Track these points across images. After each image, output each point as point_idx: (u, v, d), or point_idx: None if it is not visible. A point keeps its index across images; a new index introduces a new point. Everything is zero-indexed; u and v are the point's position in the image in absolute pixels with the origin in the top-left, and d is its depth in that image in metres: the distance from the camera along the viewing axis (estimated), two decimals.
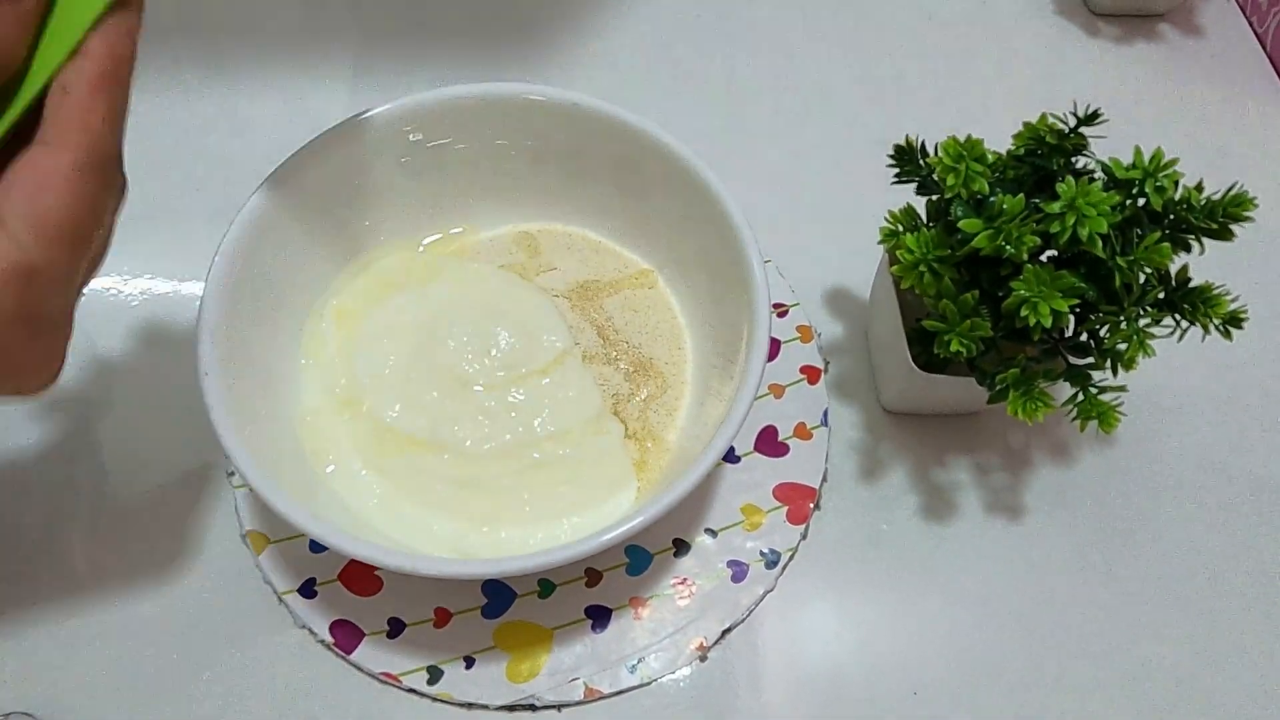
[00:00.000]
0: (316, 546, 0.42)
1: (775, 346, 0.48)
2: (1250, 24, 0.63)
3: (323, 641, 0.40)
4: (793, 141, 0.56)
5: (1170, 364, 0.47)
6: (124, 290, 0.49)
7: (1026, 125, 0.38)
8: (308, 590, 0.41)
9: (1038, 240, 0.34)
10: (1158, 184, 0.33)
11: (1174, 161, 0.34)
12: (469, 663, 0.40)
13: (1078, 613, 0.42)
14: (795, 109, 0.58)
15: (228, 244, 0.38)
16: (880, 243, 0.40)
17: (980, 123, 0.57)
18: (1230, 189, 0.34)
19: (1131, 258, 0.34)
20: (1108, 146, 0.37)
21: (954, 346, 0.35)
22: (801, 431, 0.46)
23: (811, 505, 0.44)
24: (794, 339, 0.49)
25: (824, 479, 0.45)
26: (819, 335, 0.49)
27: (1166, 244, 0.33)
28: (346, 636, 0.40)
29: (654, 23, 0.61)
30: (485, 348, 0.43)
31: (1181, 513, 0.45)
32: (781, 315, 0.49)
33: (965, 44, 0.61)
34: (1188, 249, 0.36)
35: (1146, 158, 0.34)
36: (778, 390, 0.47)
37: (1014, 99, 0.59)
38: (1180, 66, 0.60)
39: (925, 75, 0.60)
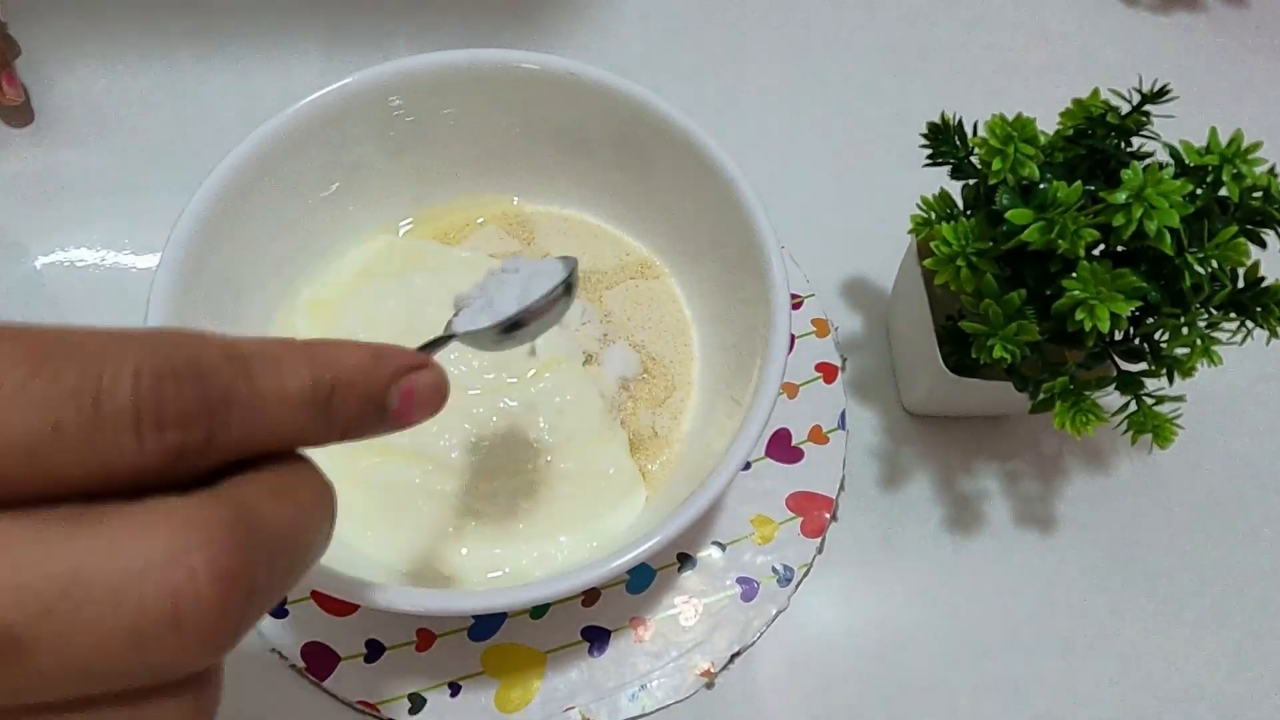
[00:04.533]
0: None
1: (789, 342, 0.44)
2: None
3: (294, 666, 0.37)
4: (808, 116, 0.53)
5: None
6: (85, 264, 0.45)
7: (1077, 103, 0.34)
8: (278, 609, 0.38)
9: (1095, 234, 0.30)
10: (1236, 171, 0.29)
11: (1256, 145, 0.30)
12: (455, 690, 0.37)
13: (1116, 632, 0.40)
14: (811, 80, 0.54)
15: (181, 231, 0.34)
16: (911, 231, 0.36)
17: (1008, 94, 0.53)
18: None
19: (1201, 254, 0.30)
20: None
21: (997, 353, 0.32)
22: (817, 435, 0.42)
23: (828, 516, 0.41)
24: (809, 333, 0.45)
25: (841, 487, 0.41)
26: (836, 329, 0.45)
27: (1243, 240, 0.29)
28: (320, 660, 0.37)
29: None
30: None
31: (1228, 525, 0.42)
32: (796, 307, 0.45)
33: (993, 10, 0.57)
34: (1262, 244, 0.32)
35: (1224, 139, 0.30)
36: (791, 390, 0.43)
37: (1044, 70, 0.55)
38: (1223, 36, 0.57)
39: (950, 44, 0.55)
